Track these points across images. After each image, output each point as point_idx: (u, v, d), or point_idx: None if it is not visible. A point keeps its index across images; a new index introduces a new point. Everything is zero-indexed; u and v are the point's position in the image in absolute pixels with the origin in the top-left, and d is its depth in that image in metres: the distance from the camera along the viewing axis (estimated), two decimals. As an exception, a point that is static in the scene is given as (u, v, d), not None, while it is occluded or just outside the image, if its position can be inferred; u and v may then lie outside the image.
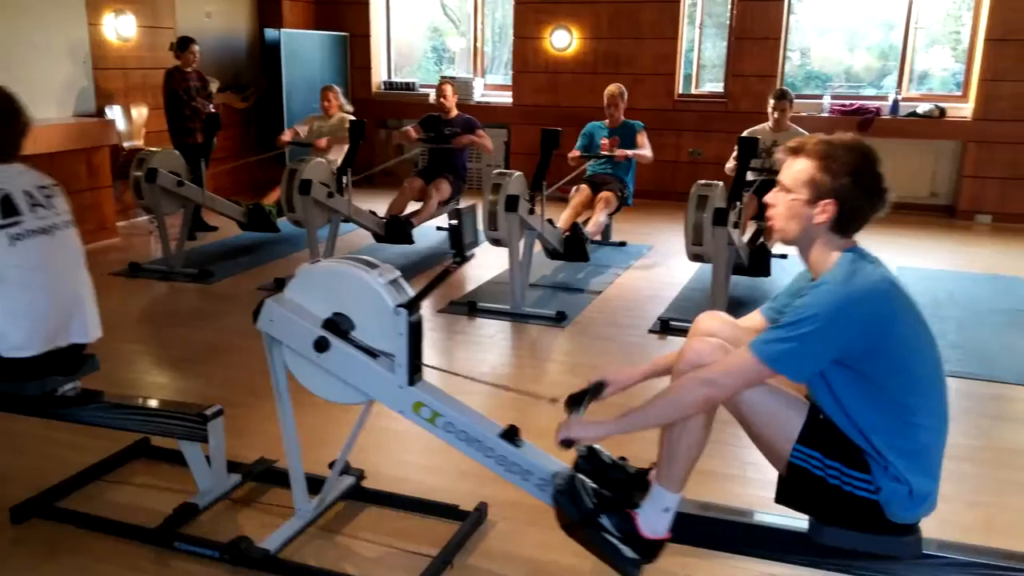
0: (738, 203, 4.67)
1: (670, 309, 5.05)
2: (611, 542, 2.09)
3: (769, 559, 2.20)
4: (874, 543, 2.00)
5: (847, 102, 8.33)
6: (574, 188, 6.37)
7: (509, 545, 2.62)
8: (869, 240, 2.03)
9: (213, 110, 6.75)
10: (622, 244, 6.73)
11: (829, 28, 9.20)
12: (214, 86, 7.11)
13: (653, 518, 2.11)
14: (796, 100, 8.42)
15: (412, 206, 6.50)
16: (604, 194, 6.20)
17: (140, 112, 7.29)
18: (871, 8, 8.92)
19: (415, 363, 2.34)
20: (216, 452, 2.79)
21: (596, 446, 2.26)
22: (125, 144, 6.98)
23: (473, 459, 2.34)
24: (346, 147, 6.70)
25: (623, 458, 2.28)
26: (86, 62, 6.81)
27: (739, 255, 4.97)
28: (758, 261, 5.23)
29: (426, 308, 5.16)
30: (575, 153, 6.43)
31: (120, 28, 7.11)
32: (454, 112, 6.72)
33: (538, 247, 5.36)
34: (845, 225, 1.97)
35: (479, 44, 9.60)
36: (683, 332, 4.54)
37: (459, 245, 2.29)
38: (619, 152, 6.31)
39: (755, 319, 2.23)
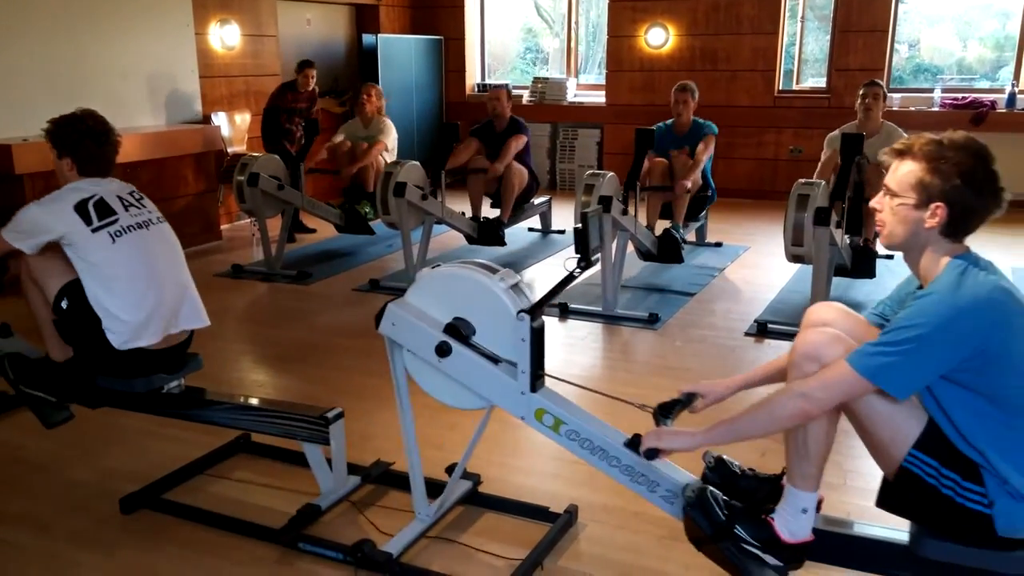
0: (840, 202, 4.51)
1: (768, 312, 4.92)
2: (752, 552, 2.02)
3: (867, 571, 2.11)
4: (981, 558, 1.90)
5: (959, 95, 7.94)
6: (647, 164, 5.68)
7: (599, 548, 2.59)
8: (981, 241, 1.91)
9: (312, 116, 6.88)
10: (718, 245, 6.59)
11: (940, 18, 8.81)
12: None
13: (792, 521, 2.03)
14: (905, 94, 8.19)
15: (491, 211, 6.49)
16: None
17: (243, 118, 7.54)
18: (985, -4, 8.51)
19: (537, 369, 2.30)
20: (338, 454, 2.80)
21: (724, 456, 2.23)
22: (229, 149, 7.23)
23: (596, 468, 2.26)
24: (389, 151, 6.70)
25: (752, 469, 2.22)
26: (193, 71, 7.09)
27: (841, 256, 4.80)
28: (862, 262, 5.03)
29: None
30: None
31: (225, 37, 7.37)
32: (507, 116, 6.50)
33: (630, 248, 5.29)
34: (956, 229, 1.87)
35: (573, 44, 9.58)
36: (780, 335, 4.48)
37: (586, 250, 2.28)
38: (680, 187, 5.66)
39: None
